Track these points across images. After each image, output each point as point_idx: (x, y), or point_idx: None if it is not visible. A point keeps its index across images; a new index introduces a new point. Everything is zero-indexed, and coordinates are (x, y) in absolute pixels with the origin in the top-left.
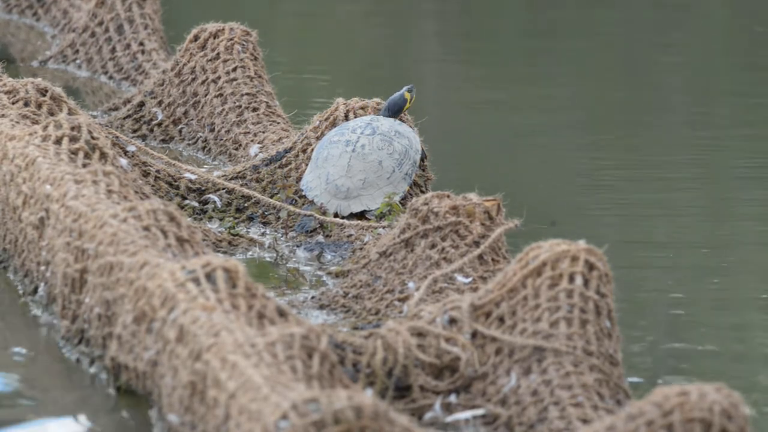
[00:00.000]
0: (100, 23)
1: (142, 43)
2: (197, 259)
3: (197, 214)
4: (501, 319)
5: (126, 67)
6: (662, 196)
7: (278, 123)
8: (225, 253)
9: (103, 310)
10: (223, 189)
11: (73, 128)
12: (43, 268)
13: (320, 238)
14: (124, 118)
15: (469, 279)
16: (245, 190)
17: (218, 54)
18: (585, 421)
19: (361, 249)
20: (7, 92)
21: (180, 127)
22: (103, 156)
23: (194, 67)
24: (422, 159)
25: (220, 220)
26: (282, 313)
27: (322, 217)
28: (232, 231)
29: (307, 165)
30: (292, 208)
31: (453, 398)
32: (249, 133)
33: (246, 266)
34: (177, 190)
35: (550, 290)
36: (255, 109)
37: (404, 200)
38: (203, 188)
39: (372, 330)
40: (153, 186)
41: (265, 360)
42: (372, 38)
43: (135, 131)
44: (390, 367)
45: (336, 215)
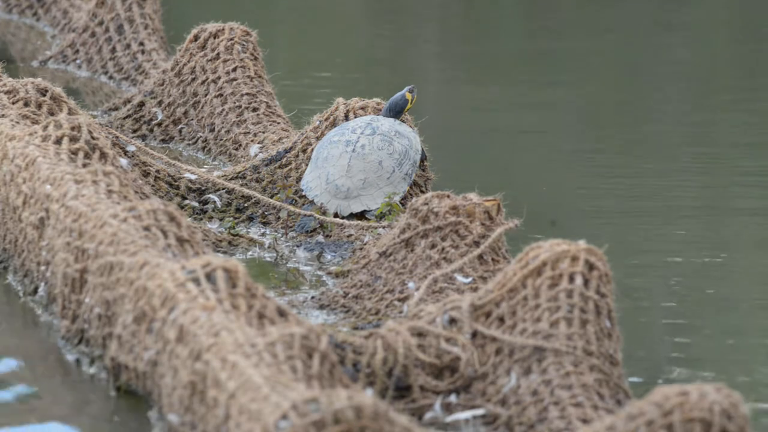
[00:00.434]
0: (100, 23)
1: (142, 43)
2: (197, 259)
3: (197, 214)
4: (501, 319)
5: (126, 67)
6: (662, 196)
7: (278, 123)
8: (225, 253)
9: (103, 310)
10: (223, 189)
11: (73, 128)
12: (43, 268)
13: (320, 238)
14: (124, 118)
15: (469, 279)
16: (245, 190)
17: (218, 54)
18: (585, 421)
19: (361, 249)
20: (7, 92)
21: (180, 127)
22: (103, 156)
23: (194, 67)
24: (422, 159)
25: (220, 220)
26: (282, 313)
27: (322, 217)
28: (232, 231)
29: (307, 165)
30: (292, 208)
31: (453, 398)
32: (249, 133)
33: (246, 266)
34: (177, 190)
35: (550, 290)
36: (255, 109)
37: (404, 200)
38: (203, 188)
39: (372, 330)
40: (153, 186)
41: (265, 360)
42: (372, 38)
43: (135, 131)
44: (390, 367)
45: (336, 215)
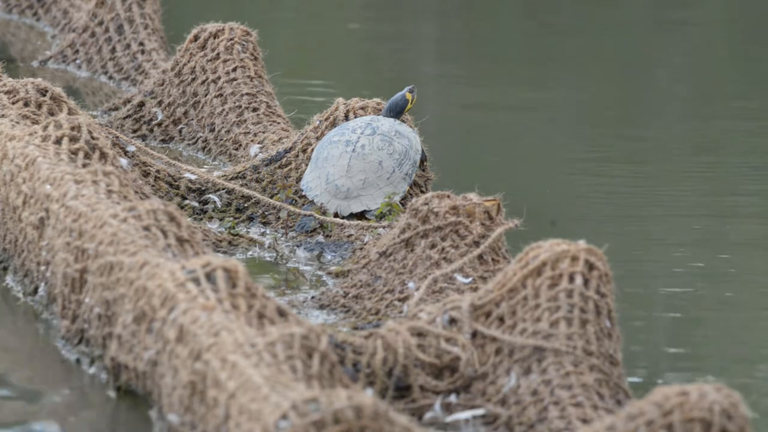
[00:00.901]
0: (100, 23)
1: (142, 43)
2: (197, 259)
3: (197, 214)
4: (501, 319)
5: (126, 67)
6: (662, 195)
7: (278, 123)
8: (225, 253)
9: (103, 310)
10: (223, 189)
11: (73, 128)
12: (43, 268)
13: (320, 238)
14: (124, 118)
15: (469, 279)
16: (245, 190)
17: (218, 54)
18: (585, 421)
19: (361, 249)
20: (7, 92)
21: (180, 127)
22: (103, 156)
23: (194, 67)
24: (422, 159)
25: (220, 220)
26: (282, 313)
27: (322, 217)
28: (232, 231)
29: (307, 165)
30: (292, 208)
31: (453, 398)
32: (249, 133)
33: (246, 266)
34: (177, 190)
35: (550, 290)
36: (255, 109)
37: (404, 200)
38: (203, 188)
39: (372, 330)
40: (153, 186)
41: (265, 360)
42: (372, 38)
43: (135, 131)
44: (390, 367)
45: (336, 215)
